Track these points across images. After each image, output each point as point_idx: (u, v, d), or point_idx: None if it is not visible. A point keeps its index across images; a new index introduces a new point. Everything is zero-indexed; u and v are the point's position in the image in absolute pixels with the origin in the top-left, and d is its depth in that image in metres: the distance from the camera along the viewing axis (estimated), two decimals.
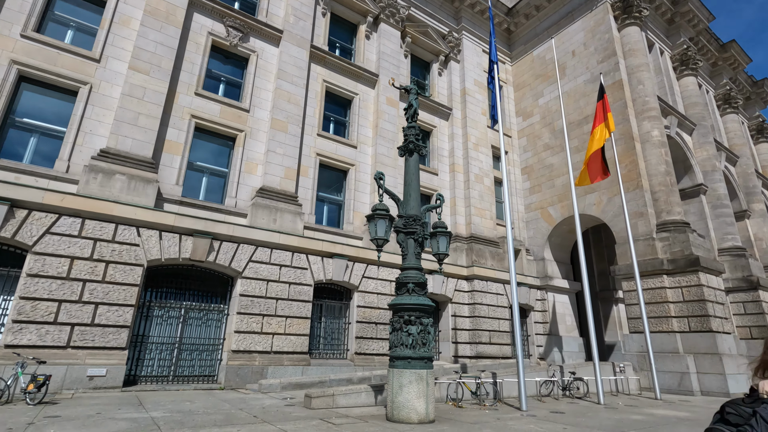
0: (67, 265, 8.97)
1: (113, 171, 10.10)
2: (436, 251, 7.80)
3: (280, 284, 11.66)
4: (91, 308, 9.02)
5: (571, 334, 17.68)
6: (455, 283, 15.62)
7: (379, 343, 12.99)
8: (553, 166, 18.64)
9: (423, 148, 7.82)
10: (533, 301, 17.51)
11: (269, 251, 11.71)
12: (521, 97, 21.08)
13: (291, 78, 14.11)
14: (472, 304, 15.54)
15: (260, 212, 12.03)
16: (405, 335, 6.53)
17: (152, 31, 11.74)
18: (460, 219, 17.13)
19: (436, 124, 18.41)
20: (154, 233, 10.16)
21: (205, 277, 11.25)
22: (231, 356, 10.48)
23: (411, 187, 7.53)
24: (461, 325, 15.27)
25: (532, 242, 18.81)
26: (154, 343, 10.19)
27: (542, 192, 18.90)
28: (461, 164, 18.07)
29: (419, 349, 6.51)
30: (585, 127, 17.56)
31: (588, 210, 16.80)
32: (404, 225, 7.21)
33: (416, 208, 7.38)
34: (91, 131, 10.59)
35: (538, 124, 19.84)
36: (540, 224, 18.65)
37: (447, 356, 15.06)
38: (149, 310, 10.33)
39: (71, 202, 9.19)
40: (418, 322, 6.61)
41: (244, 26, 13.71)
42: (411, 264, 7.03)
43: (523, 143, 20.46)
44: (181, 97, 12.12)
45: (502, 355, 15.44)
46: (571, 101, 18.41)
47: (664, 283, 14.11)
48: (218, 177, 12.55)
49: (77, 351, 8.73)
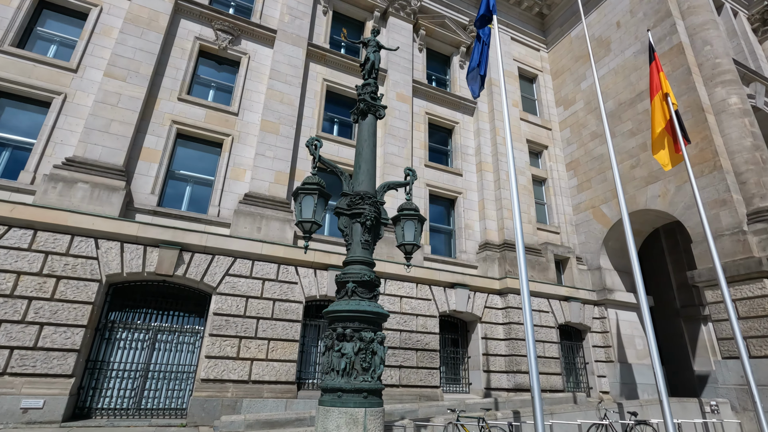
0: (12, 281, 8.10)
1: (75, 180, 9.33)
2: (402, 241, 5.75)
3: (263, 301, 10.07)
4: (35, 329, 8.00)
5: (643, 361, 14.09)
6: (485, 299, 13.06)
7: (387, 372, 10.81)
8: (603, 156, 15.64)
9: (380, 108, 5.96)
10: (589, 319, 14.30)
11: (250, 263, 10.24)
12: (560, 85, 18.40)
13: (284, 77, 13.02)
14: (508, 324, 12.84)
15: (243, 220, 10.70)
16: (336, 357, 4.53)
17: (132, 37, 11.25)
18: (490, 224, 14.65)
19: (459, 120, 16.35)
20: (115, 245, 9.12)
21: (180, 295, 10.00)
22: (198, 386, 8.95)
23: (362, 157, 5.66)
24: (494, 349, 12.59)
25: (584, 248, 15.68)
26: (115, 370, 8.96)
27: (592, 188, 15.87)
28: (490, 162, 15.74)
29: (356, 378, 4.46)
30: (639, 106, 14.55)
31: (652, 204, 13.57)
32: (348, 205, 5.32)
33: (368, 184, 5.48)
34: (62, 141, 10.02)
35: (582, 110, 17.01)
36: (592, 227, 15.54)
37: (477, 388, 12.39)
38: (111, 332, 9.19)
39: (22, 213, 8.42)
40: (356, 337, 4.58)
41: (234, 29, 12.97)
42: (355, 256, 5.08)
43: (566, 135, 17.64)
44: (163, 103, 11.40)
45: (550, 387, 12.43)
46: (620, 78, 15.50)
47: (766, 289, 10.53)
48: (203, 186, 11.50)
49: (14, 378, 7.66)
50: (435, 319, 12.06)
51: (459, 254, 14.19)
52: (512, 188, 7.79)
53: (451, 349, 12.92)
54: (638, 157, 14.29)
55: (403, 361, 11.10)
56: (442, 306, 12.32)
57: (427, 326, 11.82)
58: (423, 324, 11.78)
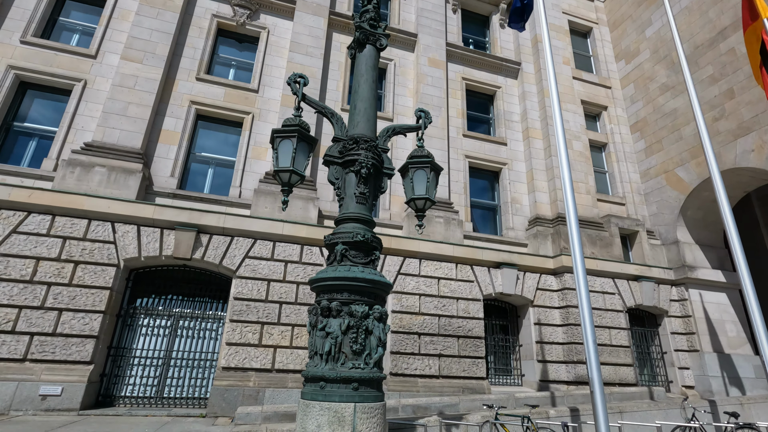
0: (31, 267, 7.98)
1: (93, 164, 9.12)
2: (411, 195, 4.61)
3: (285, 284, 9.36)
4: (53, 315, 7.83)
5: (738, 351, 11.80)
6: (537, 280, 11.50)
7: (424, 361, 9.71)
8: (677, 111, 13.29)
9: (381, 37, 4.85)
10: (665, 302, 12.22)
11: (271, 245, 9.56)
12: (620, 36, 16.03)
13: (305, 49, 12.19)
14: (565, 308, 11.20)
15: (263, 200, 10.05)
16: (319, 337, 3.53)
17: (147, 18, 10.94)
18: (541, 196, 12.96)
19: (501, 84, 14.69)
20: (132, 228, 8.80)
21: (200, 279, 9.56)
22: (219, 375, 8.41)
23: (358, 95, 4.60)
24: (550, 336, 11.03)
25: (657, 220, 13.48)
26: (137, 357, 8.67)
27: (664, 150, 13.57)
28: (538, 128, 13.97)
29: (344, 363, 3.43)
30: (722, 46, 12.10)
31: (743, 161, 11.21)
32: (340, 152, 4.28)
33: (366, 127, 4.41)
34: (83, 127, 9.91)
35: (648, 62, 14.64)
36: (666, 194, 13.29)
37: (531, 380, 10.92)
38: (134, 318, 8.92)
39: (40, 198, 8.29)
40: (344, 312, 3.55)
41: (252, 3, 12.34)
42: (348, 213, 4.04)
43: (629, 93, 15.32)
44: (181, 84, 11.02)
45: (619, 380, 10.68)
46: (695, 17, 13.04)
47: None
48: (225, 167, 11.01)
49: (34, 365, 7.51)
50: (479, 302, 10.74)
51: (506, 231, 12.68)
52: (560, 149, 6.43)
53: (500, 336, 11.53)
54: (722, 108, 11.89)
55: (442, 350, 9.94)
56: (486, 288, 10.97)
57: (470, 311, 10.54)
58: (465, 308, 10.52)
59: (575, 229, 5.93)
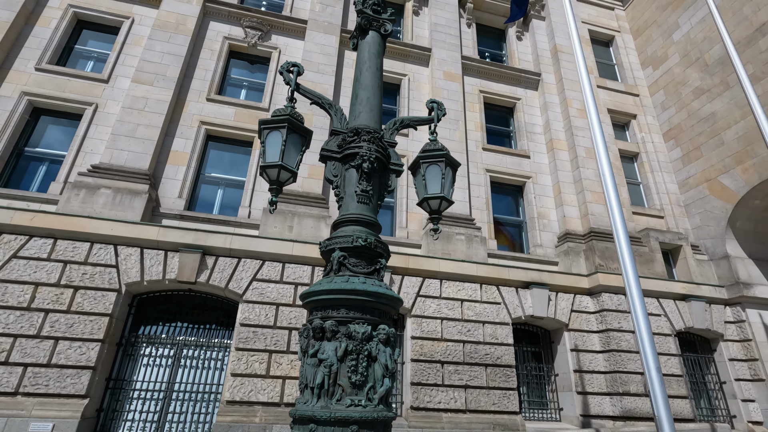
0: (30, 293, 7.59)
1: (98, 186, 8.86)
2: (424, 194, 3.93)
3: (295, 309, 8.68)
4: (49, 344, 7.35)
5: None
6: (571, 301, 10.45)
7: (448, 393, 8.73)
8: (715, 115, 12.32)
9: (386, 23, 4.34)
10: (719, 324, 10.90)
11: (280, 267, 8.97)
12: (645, 43, 15.31)
13: (316, 67, 11.96)
14: (605, 331, 10.07)
15: (272, 219, 9.54)
16: (310, 366, 2.81)
17: (159, 42, 10.94)
18: (570, 210, 12.03)
19: (520, 95, 14.08)
20: (135, 251, 8.38)
21: (206, 305, 9.00)
22: (223, 409, 7.67)
23: (361, 84, 4.03)
24: (590, 365, 9.88)
25: (701, 233, 12.29)
26: (137, 390, 8.06)
27: (704, 157, 12.52)
28: (563, 139, 13.19)
29: (341, 399, 2.69)
30: (761, 43, 11.23)
31: None
32: (339, 146, 3.68)
33: (369, 118, 3.81)
34: (92, 150, 9.75)
35: (678, 66, 13.81)
36: (710, 204, 12.15)
37: (571, 414, 9.71)
38: (135, 347, 8.37)
39: (42, 221, 8.00)
40: (341, 333, 2.85)
41: (263, 24, 12.30)
42: (347, 214, 3.39)
43: (659, 99, 14.45)
44: (191, 105, 10.86)
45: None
46: (729, 15, 12.24)
47: None
48: (234, 188, 10.64)
49: (26, 399, 6.98)
50: (507, 326, 9.76)
51: (533, 249, 11.75)
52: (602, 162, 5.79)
53: (532, 364, 10.43)
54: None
55: (469, 380, 8.95)
56: (515, 311, 10.00)
57: (498, 336, 9.57)
58: (492, 333, 9.56)
59: (625, 246, 5.20)
